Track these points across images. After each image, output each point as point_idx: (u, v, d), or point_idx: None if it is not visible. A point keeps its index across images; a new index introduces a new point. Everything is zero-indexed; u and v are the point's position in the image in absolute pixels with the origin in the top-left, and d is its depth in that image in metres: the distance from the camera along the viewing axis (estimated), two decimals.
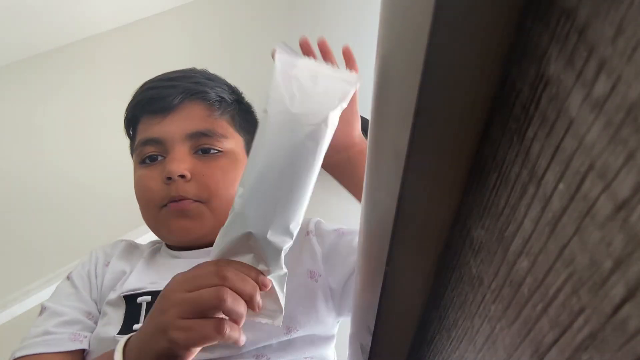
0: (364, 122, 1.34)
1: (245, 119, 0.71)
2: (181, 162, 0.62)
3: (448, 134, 0.16)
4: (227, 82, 0.73)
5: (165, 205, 0.62)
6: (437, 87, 0.14)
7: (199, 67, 0.79)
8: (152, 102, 0.66)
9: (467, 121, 0.16)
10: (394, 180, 0.18)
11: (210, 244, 0.65)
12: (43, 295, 1.02)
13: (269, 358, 0.53)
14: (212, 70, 0.79)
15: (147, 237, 1.10)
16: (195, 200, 0.62)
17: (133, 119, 0.70)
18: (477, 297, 0.19)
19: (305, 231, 0.67)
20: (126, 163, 1.35)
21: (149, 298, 0.59)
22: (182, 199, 0.61)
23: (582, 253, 0.11)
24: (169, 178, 0.61)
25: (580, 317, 0.11)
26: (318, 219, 0.71)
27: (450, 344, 0.23)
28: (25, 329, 0.61)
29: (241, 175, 0.54)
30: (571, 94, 0.11)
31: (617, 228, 0.10)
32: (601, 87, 0.10)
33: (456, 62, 0.14)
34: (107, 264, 0.69)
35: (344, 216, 1.18)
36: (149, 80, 0.71)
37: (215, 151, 0.64)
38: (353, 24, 1.36)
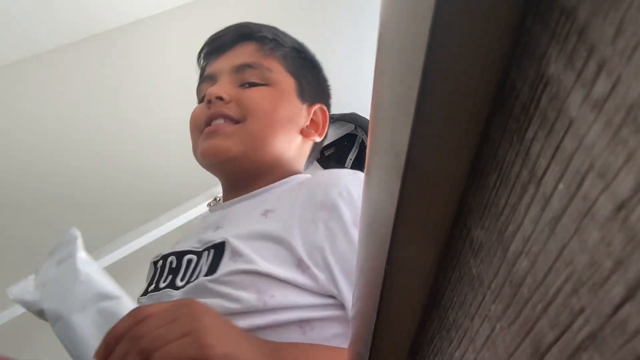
0: (364, 122, 1.34)
1: (301, 64, 0.72)
2: (221, 86, 0.65)
3: (448, 134, 0.16)
4: (292, 37, 0.75)
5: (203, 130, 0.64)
6: (437, 87, 0.14)
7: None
8: (209, 44, 0.74)
9: (467, 121, 0.16)
10: (394, 180, 0.18)
11: (247, 185, 0.66)
12: None
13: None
14: None
15: (147, 237, 1.10)
16: (233, 123, 0.63)
17: (202, 70, 0.76)
18: (477, 297, 0.19)
19: (319, 200, 0.55)
20: (127, 162, 1.35)
21: (161, 261, 0.63)
22: (218, 116, 0.63)
23: (582, 253, 0.11)
24: (209, 102, 0.64)
25: (580, 317, 0.11)
26: (347, 182, 0.56)
27: (450, 344, 0.23)
28: (25, 329, 0.61)
29: (285, 110, 0.63)
30: (571, 94, 0.11)
31: (617, 228, 0.10)
32: (601, 87, 0.10)
33: (456, 62, 0.14)
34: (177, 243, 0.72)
35: None
36: None
37: (260, 84, 0.65)
38: (353, 23, 1.36)
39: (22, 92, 1.34)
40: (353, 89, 1.30)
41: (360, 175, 0.58)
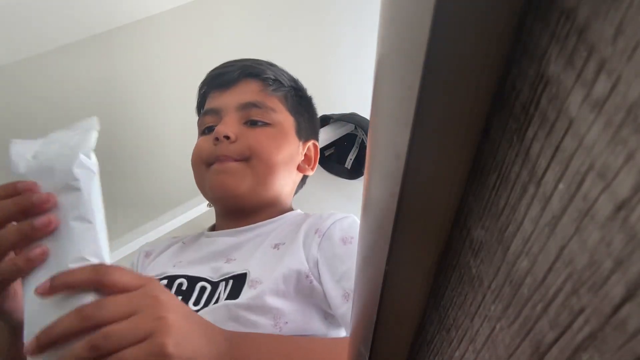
0: (364, 122, 1.34)
1: (299, 102, 0.78)
2: (228, 125, 0.69)
3: (448, 134, 0.16)
4: (288, 73, 0.80)
5: (212, 164, 0.69)
6: (437, 87, 0.14)
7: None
8: (215, 78, 0.76)
9: (467, 121, 0.16)
10: (394, 180, 0.18)
11: (247, 217, 0.71)
12: None
13: None
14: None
15: (147, 237, 1.10)
16: (238, 160, 0.68)
17: (202, 98, 0.80)
18: (477, 297, 0.19)
19: (315, 228, 0.65)
20: (127, 162, 1.35)
21: (165, 281, 0.64)
22: (225, 158, 0.67)
23: (582, 253, 0.11)
24: (217, 139, 0.68)
25: (580, 317, 0.11)
26: (340, 218, 0.66)
27: (450, 344, 0.23)
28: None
29: (286, 150, 0.68)
30: (571, 94, 0.11)
31: (617, 228, 0.10)
32: (601, 87, 0.10)
33: (456, 62, 0.14)
34: (148, 257, 0.75)
35: None
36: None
37: (263, 123, 0.70)
38: (353, 23, 1.36)
39: (22, 92, 1.34)
40: (353, 89, 1.29)
41: (354, 217, 0.68)
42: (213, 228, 0.78)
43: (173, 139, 1.14)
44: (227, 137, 0.68)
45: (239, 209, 0.71)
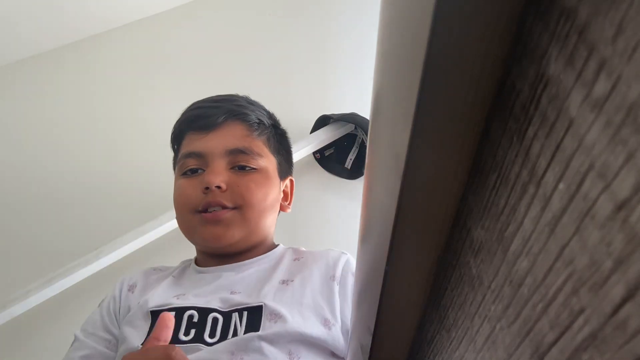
0: (364, 122, 1.33)
1: (279, 142, 0.79)
2: (219, 174, 0.69)
3: (448, 134, 0.16)
4: (265, 108, 0.81)
5: (201, 211, 0.68)
6: (437, 87, 0.14)
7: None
8: (197, 119, 0.74)
9: (467, 121, 0.16)
10: (394, 180, 0.18)
11: (237, 256, 0.72)
12: (43, 296, 1.02)
13: None
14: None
15: (147, 237, 1.10)
16: (230, 209, 0.68)
17: (179, 135, 0.78)
18: (477, 297, 0.19)
19: (330, 274, 0.68)
20: (127, 162, 1.35)
21: (173, 313, 0.65)
22: (217, 204, 0.68)
23: (582, 253, 0.11)
24: (207, 188, 0.68)
25: (580, 317, 0.11)
26: (348, 258, 0.71)
27: (450, 344, 0.23)
28: (25, 329, 0.60)
29: (272, 195, 0.70)
30: (571, 94, 0.11)
31: (617, 228, 0.10)
32: (601, 87, 0.10)
33: (456, 62, 0.14)
34: (132, 291, 0.74)
35: (344, 216, 1.18)
36: (196, 101, 0.79)
37: (250, 168, 0.71)
38: (353, 23, 1.36)
39: (22, 92, 1.34)
40: (353, 89, 1.30)
41: (350, 256, 0.72)
42: (195, 261, 0.79)
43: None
44: (218, 187, 0.68)
45: (229, 253, 0.73)
